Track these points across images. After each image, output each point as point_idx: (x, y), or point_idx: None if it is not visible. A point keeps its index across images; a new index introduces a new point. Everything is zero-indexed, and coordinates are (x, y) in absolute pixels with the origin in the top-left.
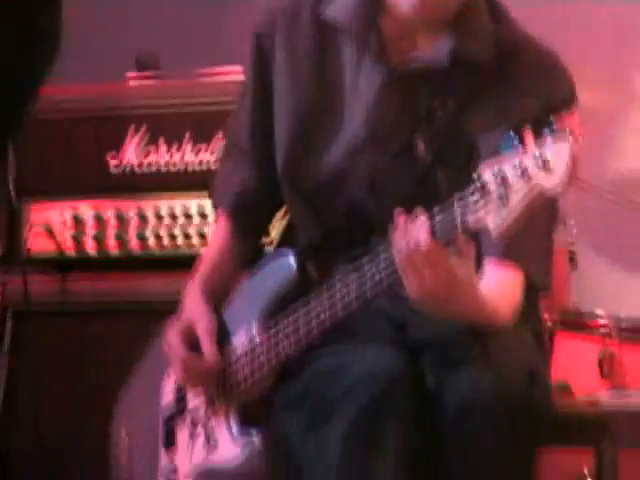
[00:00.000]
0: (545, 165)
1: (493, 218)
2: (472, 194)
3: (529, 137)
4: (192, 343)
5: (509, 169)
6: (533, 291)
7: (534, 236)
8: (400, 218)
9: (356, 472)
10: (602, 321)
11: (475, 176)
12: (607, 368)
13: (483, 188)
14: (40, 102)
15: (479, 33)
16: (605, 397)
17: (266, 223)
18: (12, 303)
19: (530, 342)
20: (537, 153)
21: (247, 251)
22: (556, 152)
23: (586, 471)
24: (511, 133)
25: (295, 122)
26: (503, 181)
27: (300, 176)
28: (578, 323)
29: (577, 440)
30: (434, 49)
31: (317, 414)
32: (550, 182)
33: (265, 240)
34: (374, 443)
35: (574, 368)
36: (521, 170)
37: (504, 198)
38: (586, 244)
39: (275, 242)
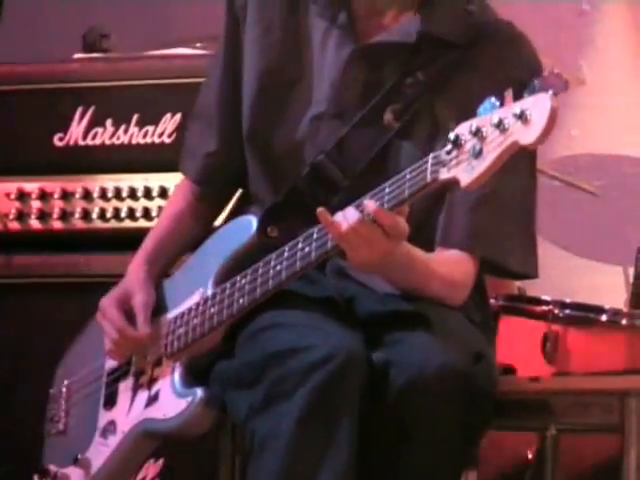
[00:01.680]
0: (523, 117)
1: (465, 171)
2: (446, 150)
3: (508, 98)
4: (127, 313)
5: (485, 123)
6: (495, 273)
7: (502, 219)
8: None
9: (309, 449)
10: (546, 306)
11: (450, 134)
12: (551, 352)
13: (456, 142)
14: None
15: (449, 13)
16: (549, 381)
17: (226, 196)
18: None
19: (477, 324)
20: (516, 107)
21: (204, 221)
22: (535, 104)
23: (529, 454)
24: (491, 99)
25: (262, 89)
26: (477, 134)
27: (265, 142)
28: (522, 307)
29: (521, 423)
30: (401, 27)
31: (273, 392)
32: (529, 134)
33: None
34: (329, 422)
35: (518, 352)
36: (497, 123)
37: (477, 150)
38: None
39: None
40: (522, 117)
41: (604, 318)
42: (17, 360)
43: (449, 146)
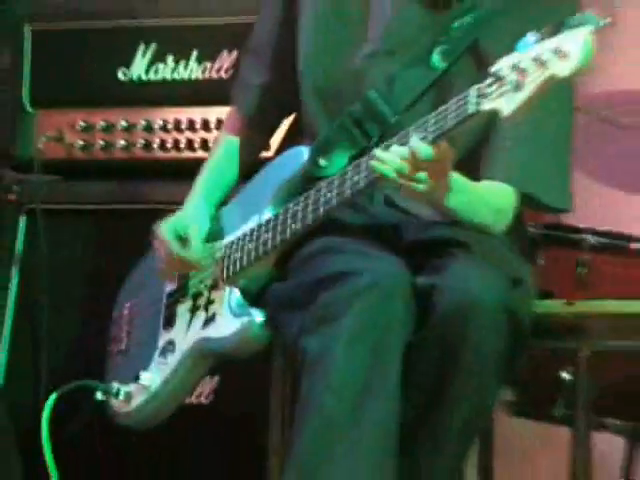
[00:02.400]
0: (559, 51)
1: (506, 102)
2: (487, 83)
3: (546, 34)
4: (182, 239)
5: (524, 58)
6: (531, 206)
7: (541, 156)
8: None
9: (358, 368)
10: (580, 234)
11: (491, 68)
12: (584, 278)
13: (497, 75)
14: (54, 16)
15: None
16: (583, 305)
17: (275, 125)
18: (25, 207)
19: (515, 252)
20: (553, 42)
21: (251, 152)
22: (571, 39)
23: (564, 372)
24: (529, 35)
25: (320, 25)
26: (517, 68)
27: (320, 75)
28: (558, 236)
29: (556, 345)
30: None
31: (324, 313)
32: (565, 67)
33: (266, 154)
34: (377, 342)
35: (554, 278)
36: (535, 57)
37: (517, 83)
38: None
39: (274, 153)
40: (559, 51)
41: (635, 246)
42: (86, 283)
43: (490, 79)
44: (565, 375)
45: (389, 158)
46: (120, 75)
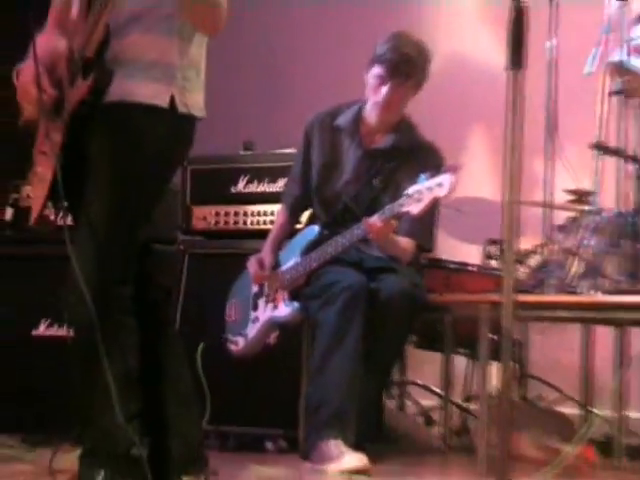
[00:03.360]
0: (439, 184)
1: (414, 208)
2: (404, 198)
3: (432, 173)
4: (260, 265)
5: (421, 187)
6: (420, 250)
7: (425, 224)
8: (367, 219)
9: (341, 331)
10: (445, 263)
11: (406, 191)
12: (446, 284)
13: (409, 195)
14: (202, 160)
15: (405, 135)
16: (447, 297)
17: (301, 216)
18: (187, 252)
19: (416, 271)
20: (437, 179)
21: (291, 226)
22: (445, 179)
23: (439, 327)
24: (423, 175)
25: (321, 170)
26: (419, 192)
27: (322, 192)
28: (436, 264)
29: (435, 316)
30: (383, 142)
31: (324, 303)
32: (441, 192)
33: (298, 226)
34: (351, 318)
35: (433, 283)
36: (427, 187)
37: (419, 199)
38: (441, 228)
39: (303, 225)
40: (438, 184)
41: (471, 269)
42: (219, 287)
43: (405, 197)
44: (439, 328)
45: (374, 221)
46: (232, 189)
